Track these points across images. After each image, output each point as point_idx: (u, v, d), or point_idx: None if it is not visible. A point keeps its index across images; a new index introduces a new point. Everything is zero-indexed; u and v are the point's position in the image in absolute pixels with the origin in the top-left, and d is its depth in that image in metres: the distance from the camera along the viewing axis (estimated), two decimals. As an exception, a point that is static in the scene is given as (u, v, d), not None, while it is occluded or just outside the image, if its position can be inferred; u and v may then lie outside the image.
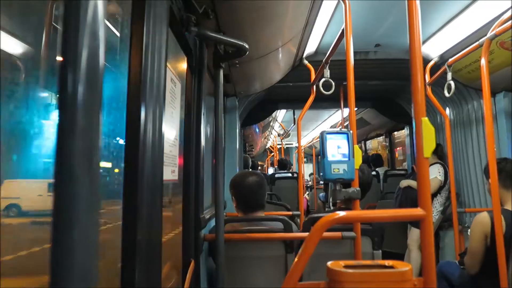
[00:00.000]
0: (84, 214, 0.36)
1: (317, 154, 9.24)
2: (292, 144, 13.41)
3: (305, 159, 12.32)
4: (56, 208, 0.35)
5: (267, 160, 12.17)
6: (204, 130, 1.77)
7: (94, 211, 0.37)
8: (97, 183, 0.38)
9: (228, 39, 1.54)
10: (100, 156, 0.38)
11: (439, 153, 3.48)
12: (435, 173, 3.37)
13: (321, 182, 5.41)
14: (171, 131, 1.31)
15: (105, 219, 0.97)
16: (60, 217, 0.35)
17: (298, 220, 2.89)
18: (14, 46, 0.71)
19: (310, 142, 9.75)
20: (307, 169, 10.96)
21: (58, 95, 0.35)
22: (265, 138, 9.33)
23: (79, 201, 0.35)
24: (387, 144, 6.24)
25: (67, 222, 0.35)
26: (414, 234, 3.48)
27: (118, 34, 0.97)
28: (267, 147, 11.58)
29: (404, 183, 3.65)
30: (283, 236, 1.82)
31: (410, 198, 3.44)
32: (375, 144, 8.31)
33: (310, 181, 7.81)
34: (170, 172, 1.31)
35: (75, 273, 0.35)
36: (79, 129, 0.35)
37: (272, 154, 11.05)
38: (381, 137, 6.93)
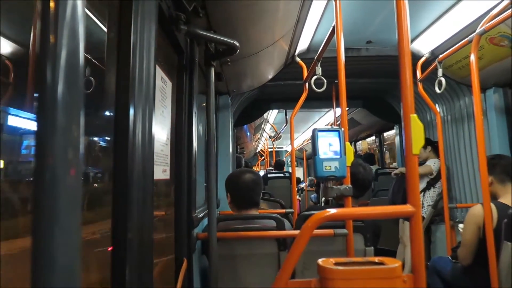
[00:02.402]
0: (66, 215, 0.35)
1: (308, 158, 9.26)
2: (282, 147, 13.48)
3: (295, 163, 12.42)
4: (37, 208, 0.34)
5: (258, 164, 12.18)
6: (196, 129, 1.76)
7: (76, 211, 0.37)
8: (78, 183, 0.37)
9: (219, 38, 1.54)
10: (82, 156, 0.37)
11: (437, 150, 3.52)
12: (430, 163, 3.45)
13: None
14: (162, 130, 1.31)
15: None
16: (41, 218, 0.34)
17: (292, 217, 2.90)
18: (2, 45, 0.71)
19: (301, 145, 9.77)
20: (297, 173, 11.02)
21: (37, 94, 0.34)
22: (255, 141, 9.33)
23: (60, 202, 0.35)
24: (377, 144, 6.29)
25: (48, 223, 0.34)
26: (408, 229, 3.50)
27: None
28: (257, 150, 11.58)
29: (396, 171, 3.72)
30: (276, 234, 1.82)
31: (402, 188, 3.48)
32: (365, 145, 8.36)
33: (300, 184, 7.88)
34: (162, 171, 1.30)
35: (57, 275, 0.34)
36: (59, 128, 0.34)
37: (263, 158, 11.05)
38: (371, 138, 6.99)
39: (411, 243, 0.89)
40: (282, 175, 5.95)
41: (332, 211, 0.94)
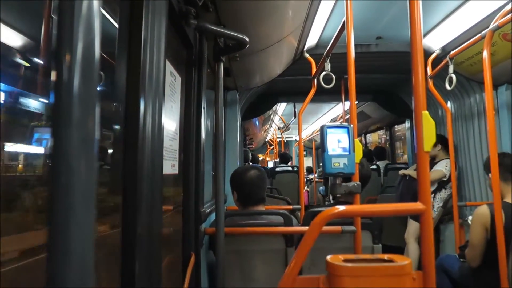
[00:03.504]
0: (81, 207, 0.36)
1: (317, 148, 9.25)
2: (291, 137, 13.42)
3: (304, 152, 12.41)
4: (53, 200, 0.34)
5: (267, 153, 12.25)
6: (205, 124, 1.76)
7: (91, 203, 0.37)
8: (94, 175, 0.37)
9: (228, 32, 1.53)
10: (97, 148, 0.38)
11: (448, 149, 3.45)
12: (442, 166, 3.36)
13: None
14: (171, 125, 1.31)
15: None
16: (56, 210, 0.34)
17: (299, 214, 2.90)
18: (13, 38, 0.71)
19: (310, 135, 9.76)
20: (307, 162, 11.02)
21: (53, 87, 0.35)
22: (264, 132, 9.35)
23: (75, 194, 0.35)
24: (388, 137, 6.23)
25: (64, 214, 0.34)
26: (411, 227, 3.49)
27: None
28: (266, 140, 11.63)
29: (404, 171, 3.67)
30: (283, 230, 1.82)
31: (412, 190, 3.44)
32: (375, 138, 8.31)
33: (309, 175, 7.85)
34: (170, 166, 1.31)
35: (72, 268, 0.35)
36: (75, 122, 0.34)
37: (272, 147, 11.11)
38: (382, 130, 6.94)
39: (421, 241, 0.88)
40: (290, 169, 5.89)
41: (341, 208, 0.94)
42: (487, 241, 2.00)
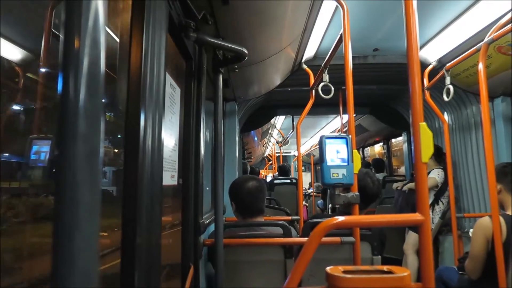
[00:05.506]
0: (86, 219, 0.36)
1: (315, 162, 9.26)
2: (290, 152, 13.49)
3: (303, 167, 12.45)
4: (58, 212, 0.35)
5: (266, 168, 12.31)
6: (204, 135, 1.77)
7: (95, 216, 0.38)
8: (98, 188, 0.38)
9: (227, 45, 1.55)
10: (101, 161, 0.38)
11: (440, 158, 3.49)
12: (435, 175, 3.39)
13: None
14: (170, 136, 1.32)
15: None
16: (61, 222, 0.35)
17: (298, 225, 2.89)
18: (13, 52, 0.72)
19: (308, 150, 9.79)
20: (305, 178, 11.02)
21: (59, 101, 0.35)
22: (263, 146, 9.36)
23: (80, 206, 0.35)
24: (385, 150, 6.26)
25: (69, 226, 0.35)
26: (410, 238, 3.49)
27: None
28: (265, 155, 11.63)
29: (404, 186, 3.68)
30: (282, 241, 1.81)
31: (411, 203, 3.45)
32: (373, 151, 8.33)
33: (309, 189, 7.84)
34: (170, 177, 1.31)
35: (76, 277, 0.35)
36: (80, 135, 0.35)
37: (271, 162, 11.13)
38: (379, 144, 6.97)
39: (420, 252, 0.88)
40: (288, 181, 5.89)
41: (340, 218, 0.94)
42: (488, 253, 1.97)
